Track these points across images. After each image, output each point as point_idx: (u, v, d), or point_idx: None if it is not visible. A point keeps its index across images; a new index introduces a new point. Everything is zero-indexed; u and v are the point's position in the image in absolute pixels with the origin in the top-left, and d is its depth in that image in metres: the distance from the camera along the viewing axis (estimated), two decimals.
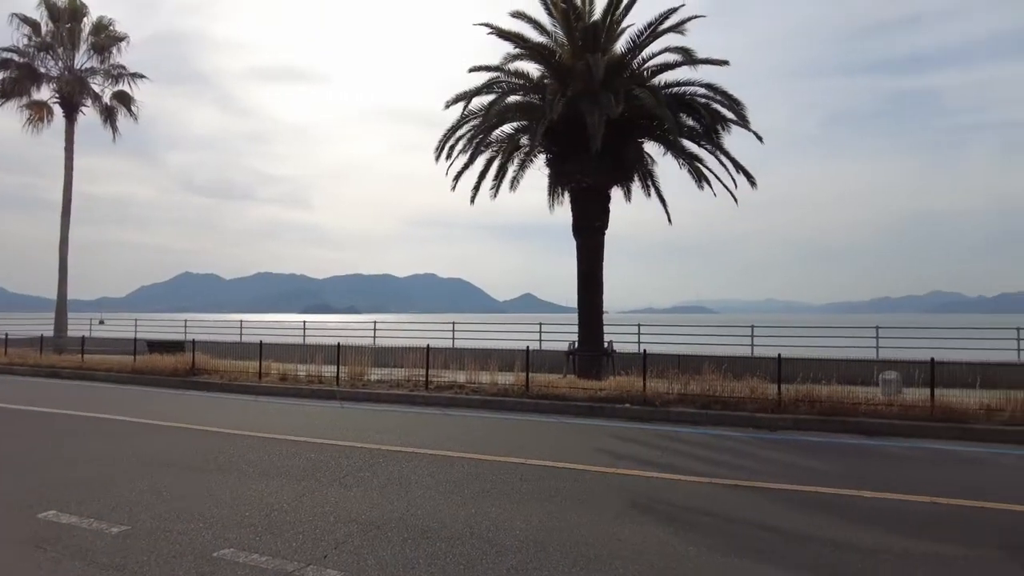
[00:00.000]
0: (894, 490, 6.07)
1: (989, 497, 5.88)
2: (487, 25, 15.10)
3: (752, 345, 17.12)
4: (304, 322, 24.46)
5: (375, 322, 22.89)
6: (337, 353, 13.91)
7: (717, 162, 14.78)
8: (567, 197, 15.77)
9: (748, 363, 13.10)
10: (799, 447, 8.44)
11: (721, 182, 14.98)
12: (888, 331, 17.95)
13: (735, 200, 15.05)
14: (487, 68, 15.46)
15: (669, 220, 16.81)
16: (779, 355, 10.75)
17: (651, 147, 15.90)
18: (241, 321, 25.48)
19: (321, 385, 13.36)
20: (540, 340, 19.01)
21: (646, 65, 15.07)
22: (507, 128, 15.91)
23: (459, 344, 19.17)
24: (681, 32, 14.52)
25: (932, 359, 9.90)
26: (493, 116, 14.90)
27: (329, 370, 13.91)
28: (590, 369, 13.60)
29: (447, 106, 15.43)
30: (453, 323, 20.93)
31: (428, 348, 13.14)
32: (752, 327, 17.39)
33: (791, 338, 19.86)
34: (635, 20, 15.03)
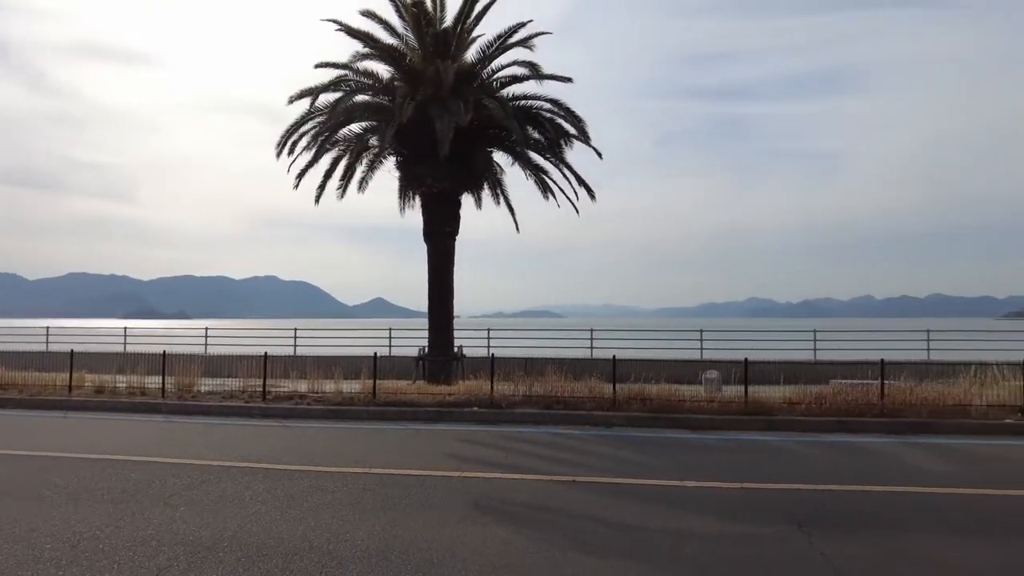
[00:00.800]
0: (712, 479, 6.69)
1: (788, 480, 6.67)
2: (335, 22, 14.68)
3: (591, 348, 18.06)
4: (125, 328, 22.16)
5: (207, 328, 21.27)
6: (163, 362, 12.76)
7: (561, 174, 15.46)
8: (418, 201, 15.71)
9: (588, 364, 13.81)
10: (632, 442, 9.02)
11: (564, 194, 15.70)
12: (711, 334, 19.76)
13: (576, 211, 15.84)
14: (335, 65, 15.01)
15: (517, 228, 17.32)
16: (614, 357, 11.45)
17: (500, 157, 16.28)
18: (48, 328, 22.56)
19: (144, 398, 12.18)
20: (390, 346, 18.72)
21: (495, 76, 15.42)
22: (355, 128, 15.56)
23: (301, 351, 18.35)
24: (529, 47, 15.02)
25: (746, 359, 11.04)
26: (340, 114, 14.49)
27: (154, 381, 12.72)
28: (440, 374, 13.62)
29: (291, 101, 14.77)
30: (295, 329, 20.01)
31: (266, 356, 12.44)
32: (591, 331, 18.35)
33: (627, 340, 21.26)
34: (486, 31, 15.33)
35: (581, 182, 15.32)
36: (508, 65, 15.28)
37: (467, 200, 16.89)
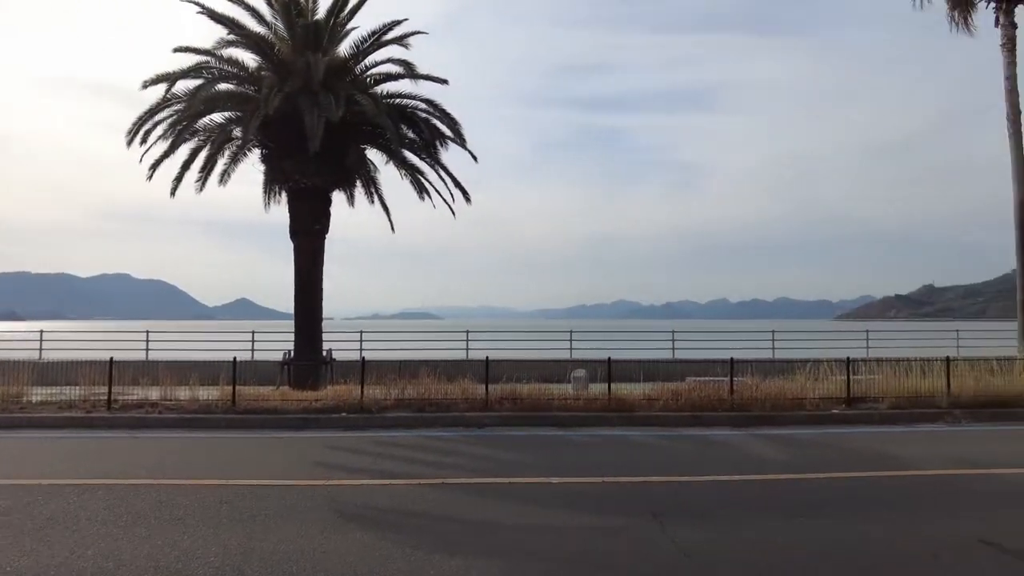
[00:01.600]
0: (577, 475, 6.95)
1: (646, 472, 7.06)
2: (197, 3, 13.74)
3: (467, 349, 18.15)
4: None
5: (42, 331, 19.12)
6: None
7: (437, 175, 15.40)
8: (285, 197, 15.02)
9: (463, 366, 13.85)
10: (503, 442, 9.16)
11: (440, 195, 15.65)
12: (580, 334, 20.52)
13: (452, 212, 15.85)
14: (196, 51, 14.03)
15: (392, 228, 17.02)
16: (487, 358, 11.59)
17: (374, 155, 15.94)
18: None
19: None
20: (253, 349, 17.75)
21: (369, 72, 15.10)
22: (218, 117, 14.62)
23: (155, 356, 17.00)
24: (405, 45, 14.84)
25: (609, 359, 11.57)
26: (200, 102, 13.56)
27: None
28: (306, 379, 13.09)
29: (145, 86, 13.62)
30: (147, 332, 18.49)
31: (112, 361, 11.39)
32: (467, 332, 18.46)
33: (502, 341, 21.56)
34: (361, 25, 14.97)
35: (457, 184, 15.36)
36: (383, 62, 15.02)
37: (339, 198, 16.41)
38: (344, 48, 14.93)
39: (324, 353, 14.65)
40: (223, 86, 14.22)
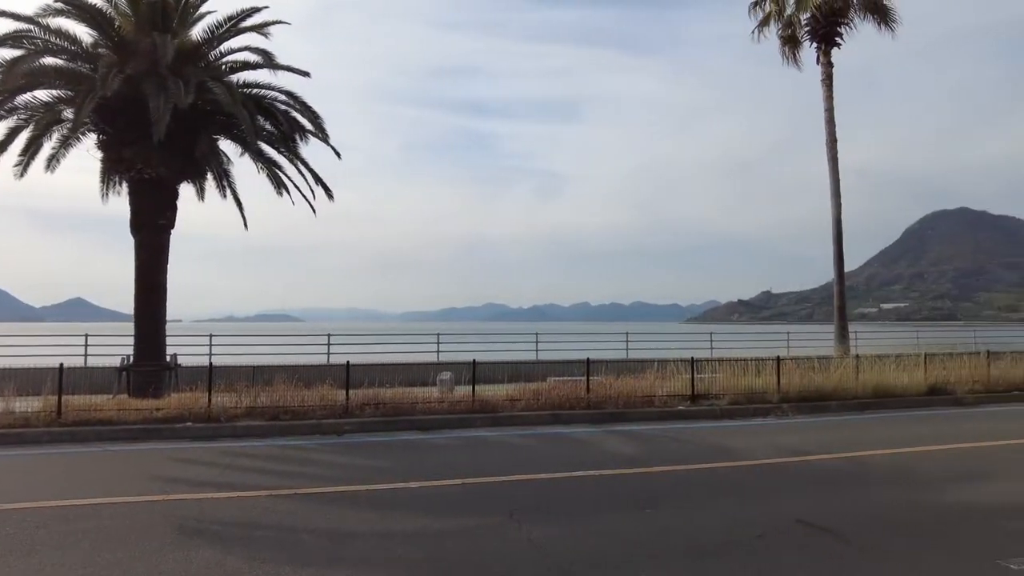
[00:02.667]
0: (437, 478, 6.92)
1: (505, 472, 7.18)
2: None
3: (328, 353, 17.56)
4: None
5: None
6: None
7: (297, 171, 14.76)
8: (127, 187, 13.72)
9: (322, 371, 13.37)
10: (362, 448, 8.95)
11: (300, 191, 15.01)
12: (449, 337, 20.52)
13: (313, 210, 15.25)
14: (15, 16, 12.43)
15: (245, 225, 16.09)
16: (348, 362, 11.27)
17: (228, 146, 14.99)
18: None
19: None
20: (86, 355, 16.04)
21: (225, 60, 14.18)
22: (43, 95, 13.06)
23: None
24: (265, 34, 14.09)
25: (474, 360, 11.67)
26: (20, 76, 12.05)
27: None
28: (147, 387, 12.01)
29: None
30: None
31: None
32: (329, 335, 17.85)
33: (367, 345, 21.08)
34: (217, 10, 14.01)
35: (318, 180, 14.79)
36: (240, 50, 14.17)
37: (189, 191, 15.28)
38: (197, 32, 13.92)
39: (168, 358, 13.54)
40: (50, 60, 12.77)
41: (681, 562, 4.52)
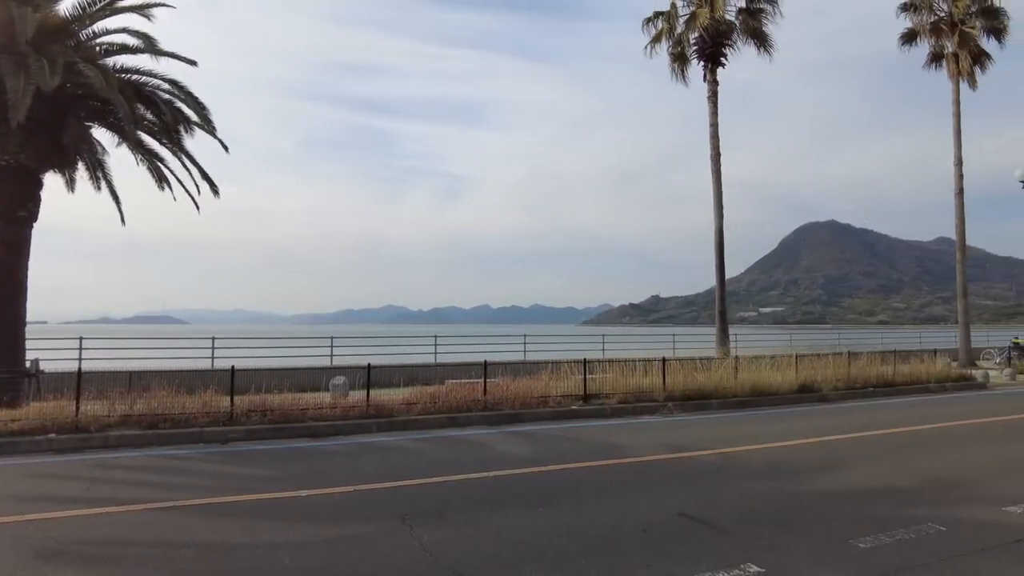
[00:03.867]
0: (328, 485, 6.74)
1: (399, 477, 7.10)
2: None
3: (213, 357, 16.65)
4: None
5: None
6: None
7: (181, 164, 13.89)
8: None
9: (206, 376, 12.68)
10: (249, 457, 8.55)
11: (184, 186, 14.14)
12: (344, 340, 20.00)
13: (197, 206, 14.40)
14: None
15: (123, 219, 14.96)
16: (232, 367, 10.75)
17: (104, 135, 13.89)
18: None
19: None
20: None
21: (99, 41, 13.10)
22: None
23: None
24: (147, 16, 13.18)
25: (369, 364, 11.45)
26: None
27: None
28: (3, 395, 10.89)
29: None
30: None
31: None
32: (213, 339, 16.94)
33: (256, 348, 20.14)
34: None
35: (204, 174, 13.99)
36: (118, 31, 13.14)
37: (55, 181, 14.01)
38: (65, 7, 12.79)
39: (28, 364, 12.35)
40: None
41: (570, 558, 4.65)
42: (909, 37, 26.51)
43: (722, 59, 22.65)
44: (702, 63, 22.91)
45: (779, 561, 4.59)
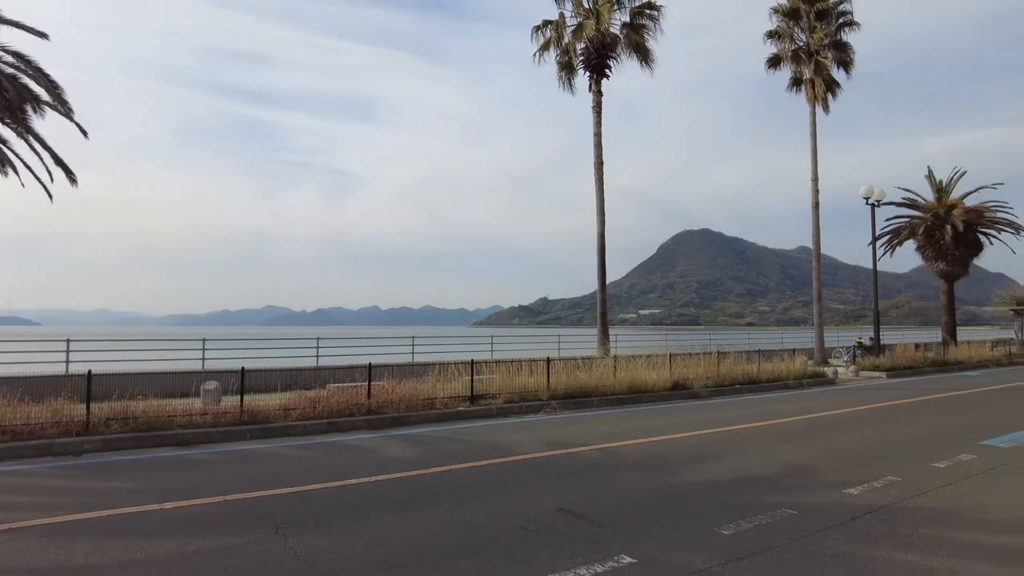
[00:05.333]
0: (195, 496, 6.32)
1: (274, 485, 6.78)
2: None
3: (68, 362, 15.17)
4: None
5: None
6: None
7: (29, 147, 12.58)
8: None
9: (60, 383, 11.57)
10: (106, 469, 7.86)
11: (32, 172, 12.81)
12: (218, 343, 18.86)
13: (49, 195, 13.12)
14: None
15: None
16: (89, 372, 9.84)
17: None
18: None
19: None
20: None
21: None
22: None
23: None
24: None
25: (243, 368, 10.88)
26: None
27: None
28: None
29: None
30: None
31: None
32: (68, 341, 15.43)
33: (120, 352, 18.55)
34: None
35: (58, 161, 12.76)
36: None
37: None
38: None
39: None
40: None
41: (450, 558, 4.63)
42: (774, 62, 28.76)
43: (607, 71, 23.53)
44: (588, 73, 23.69)
45: (651, 550, 4.81)
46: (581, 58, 23.85)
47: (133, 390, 10.47)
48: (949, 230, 32.32)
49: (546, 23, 24.11)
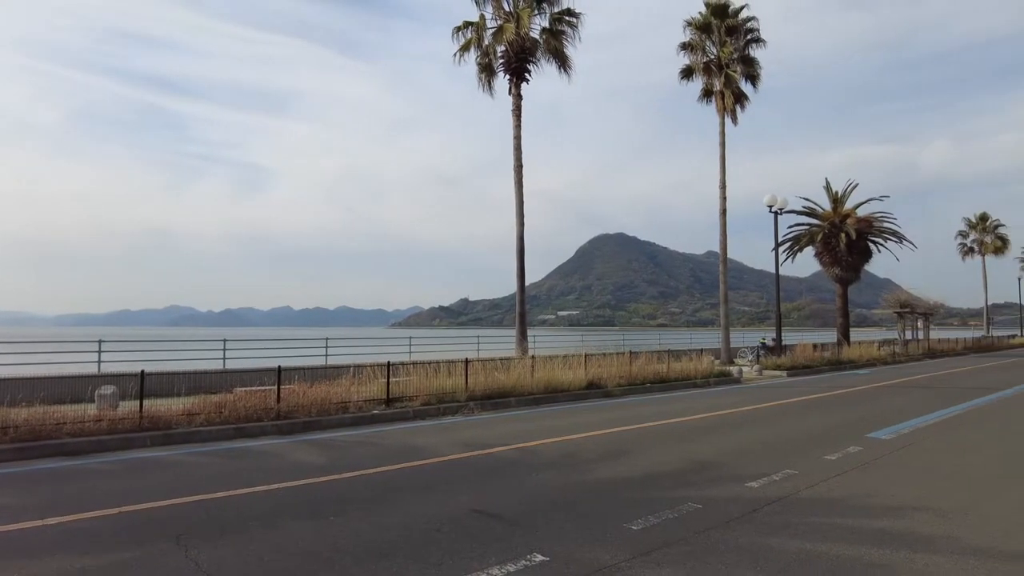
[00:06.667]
0: (85, 509, 5.91)
1: (175, 495, 6.43)
2: None
3: None
4: None
5: None
6: None
7: None
8: None
9: None
10: None
11: None
12: (117, 344, 17.74)
13: None
14: None
15: None
16: None
17: None
18: None
19: None
20: None
21: None
22: None
23: None
24: None
25: (142, 371, 10.28)
26: None
27: None
28: None
29: None
30: None
31: None
32: None
33: (1, 355, 17.11)
34: None
35: None
36: None
37: None
38: None
39: None
40: None
41: (361, 563, 4.54)
42: (687, 73, 29.93)
43: (526, 75, 23.77)
44: (508, 77, 23.85)
45: (562, 548, 4.89)
46: (501, 61, 23.99)
47: (15, 396, 9.70)
48: (843, 238, 34.69)
49: (467, 24, 24.10)
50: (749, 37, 29.51)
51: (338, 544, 4.98)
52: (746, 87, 29.50)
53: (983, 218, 65.39)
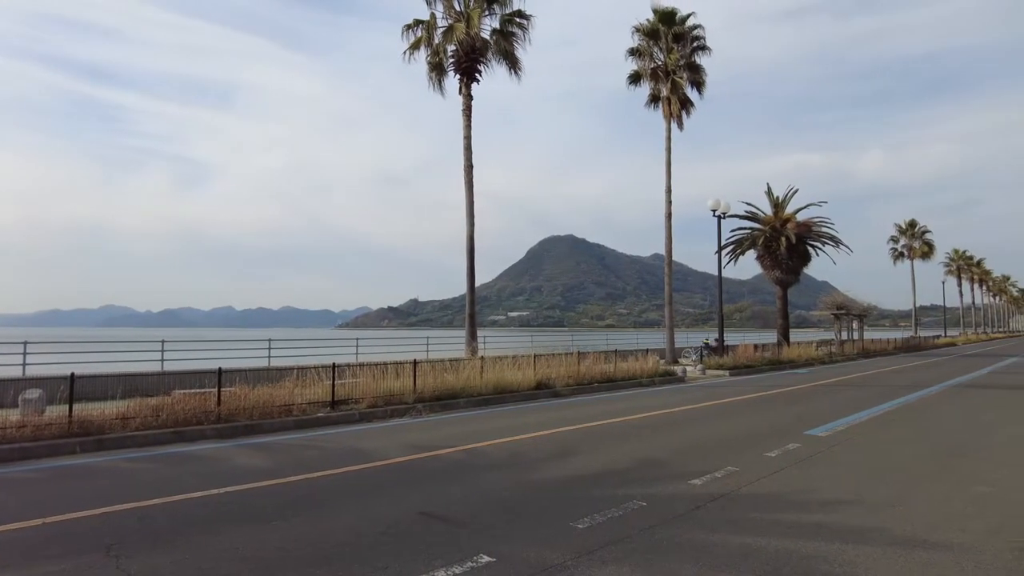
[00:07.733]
0: (6, 521, 5.59)
1: (105, 503, 6.14)
2: None
3: None
4: None
5: None
6: None
7: None
8: None
9: None
10: None
11: None
12: (46, 346, 16.89)
13: None
14: None
15: None
16: None
17: None
18: None
19: None
20: None
21: None
22: None
23: None
24: None
25: (72, 374, 9.81)
26: None
27: None
28: None
29: None
30: None
31: None
32: None
33: None
34: None
35: None
36: None
37: None
38: None
39: None
40: None
41: (304, 569, 4.43)
42: (635, 78, 30.44)
43: (477, 75, 23.74)
44: (458, 76, 23.78)
45: (509, 548, 4.88)
46: (451, 60, 23.90)
47: None
48: (784, 242, 35.87)
49: (417, 22, 23.92)
50: (695, 45, 30.21)
51: (281, 549, 4.85)
52: (692, 93, 30.22)
53: (912, 224, 68.84)
